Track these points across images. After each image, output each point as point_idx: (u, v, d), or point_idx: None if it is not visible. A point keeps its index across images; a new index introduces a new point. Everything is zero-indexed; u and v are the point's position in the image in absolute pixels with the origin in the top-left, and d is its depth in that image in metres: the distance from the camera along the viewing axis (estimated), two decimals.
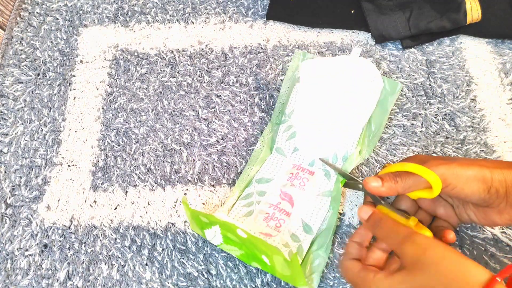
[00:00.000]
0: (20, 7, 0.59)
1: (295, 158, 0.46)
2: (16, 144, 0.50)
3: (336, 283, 0.41)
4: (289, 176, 0.45)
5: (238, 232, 0.36)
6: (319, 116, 0.46)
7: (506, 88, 0.51)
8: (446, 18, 0.51)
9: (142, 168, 0.48)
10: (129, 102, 0.52)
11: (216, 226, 0.38)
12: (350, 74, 0.46)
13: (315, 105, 0.46)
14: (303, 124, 0.46)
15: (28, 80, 0.54)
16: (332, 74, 0.46)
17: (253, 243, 0.36)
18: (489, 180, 0.32)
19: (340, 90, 0.46)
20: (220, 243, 0.40)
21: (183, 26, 0.57)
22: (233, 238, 0.38)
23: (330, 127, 0.45)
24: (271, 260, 0.36)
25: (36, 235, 0.45)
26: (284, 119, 0.47)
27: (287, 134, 0.46)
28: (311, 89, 0.46)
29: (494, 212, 0.34)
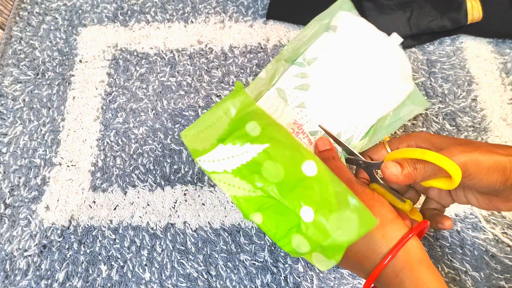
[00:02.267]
0: (19, 7, 0.59)
1: (298, 114, 0.39)
2: (15, 144, 0.50)
3: (336, 283, 0.41)
4: (289, 130, 0.38)
5: (304, 166, 0.28)
6: (340, 84, 0.40)
7: (507, 88, 0.50)
8: (447, 18, 0.51)
9: (142, 168, 0.48)
10: (128, 102, 0.52)
11: (261, 146, 0.28)
12: (386, 58, 0.40)
13: (341, 69, 0.40)
14: (321, 82, 0.39)
15: (27, 80, 0.54)
16: (369, 46, 0.40)
17: (316, 184, 0.28)
18: (508, 171, 0.30)
19: (370, 69, 0.40)
20: (224, 170, 0.30)
21: (182, 25, 0.57)
22: (267, 170, 0.29)
23: (347, 101, 0.39)
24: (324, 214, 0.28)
25: (35, 235, 0.44)
26: (301, 62, 0.40)
27: (297, 81, 0.39)
28: (345, 49, 0.40)
29: (500, 200, 0.33)
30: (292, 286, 0.41)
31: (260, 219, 0.30)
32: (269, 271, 0.42)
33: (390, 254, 0.29)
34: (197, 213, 0.45)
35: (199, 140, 0.30)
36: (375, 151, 0.38)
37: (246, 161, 0.30)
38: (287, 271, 0.42)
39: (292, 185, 0.29)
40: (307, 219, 0.28)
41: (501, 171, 0.30)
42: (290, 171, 0.29)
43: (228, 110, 0.29)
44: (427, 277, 0.28)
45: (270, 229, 0.29)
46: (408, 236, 0.29)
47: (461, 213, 0.44)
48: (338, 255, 0.28)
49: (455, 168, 0.29)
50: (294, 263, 0.42)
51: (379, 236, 0.30)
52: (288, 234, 0.29)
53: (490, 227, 0.43)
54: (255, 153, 0.29)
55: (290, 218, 0.29)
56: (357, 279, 0.41)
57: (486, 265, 0.42)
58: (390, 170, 0.30)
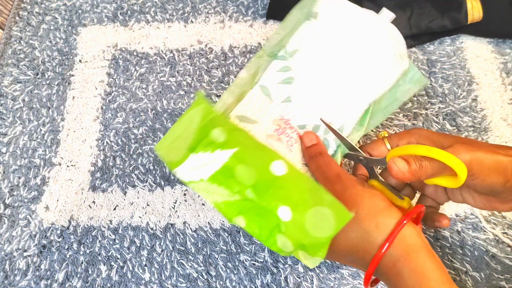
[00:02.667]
0: (19, 7, 0.59)
1: (284, 109, 0.38)
2: (14, 144, 0.49)
3: (336, 284, 0.41)
4: (276, 127, 0.37)
5: (272, 167, 0.28)
6: (327, 73, 0.38)
7: (508, 88, 0.50)
8: (447, 18, 0.51)
9: (141, 168, 0.48)
10: (128, 101, 0.52)
11: (229, 151, 0.29)
12: (376, 38, 0.38)
13: (326, 57, 0.38)
14: (305, 74, 0.37)
15: (27, 80, 0.53)
16: (355, 28, 0.38)
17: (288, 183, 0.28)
18: (509, 173, 0.30)
19: (359, 51, 0.38)
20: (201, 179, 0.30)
21: (182, 25, 0.57)
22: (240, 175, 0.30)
23: (334, 90, 0.37)
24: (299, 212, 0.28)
25: (34, 235, 0.44)
26: (282, 55, 0.38)
27: (281, 75, 0.38)
28: (327, 36, 0.38)
29: (498, 201, 0.33)
30: (292, 287, 0.41)
31: (243, 222, 0.30)
32: (269, 272, 0.42)
33: (385, 243, 0.28)
34: (197, 213, 0.45)
35: (172, 151, 0.31)
36: (374, 147, 0.37)
37: (219, 167, 0.30)
38: (287, 272, 0.42)
39: (265, 186, 0.29)
40: (285, 219, 0.29)
41: (502, 172, 0.30)
42: (261, 173, 0.29)
43: (192, 120, 0.30)
44: (426, 265, 0.27)
45: (254, 231, 0.30)
46: (402, 222, 0.28)
47: (462, 213, 0.44)
48: (322, 252, 0.29)
49: (461, 166, 0.29)
50: (294, 264, 0.42)
51: (372, 226, 0.29)
52: (272, 234, 0.29)
53: (491, 227, 0.43)
54: (226, 158, 0.30)
55: (271, 219, 0.29)
56: (357, 279, 0.41)
57: (487, 265, 0.41)
58: (398, 167, 0.30)
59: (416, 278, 0.27)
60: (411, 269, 0.27)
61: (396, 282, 0.28)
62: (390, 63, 0.38)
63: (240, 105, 0.38)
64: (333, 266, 0.42)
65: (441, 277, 0.27)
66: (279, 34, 0.40)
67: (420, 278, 0.27)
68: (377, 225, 0.29)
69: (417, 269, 0.27)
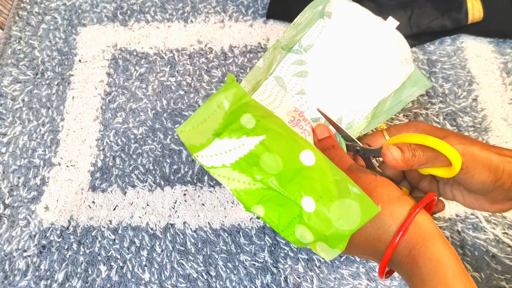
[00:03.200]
0: (18, 6, 0.59)
1: (298, 101, 0.39)
2: (14, 144, 0.49)
3: (336, 284, 0.41)
4: (290, 118, 0.38)
5: (302, 156, 0.28)
6: (339, 69, 0.39)
7: (508, 88, 0.50)
8: (448, 18, 0.51)
9: (141, 168, 0.47)
10: (128, 101, 0.52)
11: (257, 138, 0.28)
12: (384, 43, 0.40)
13: (339, 54, 0.39)
14: (319, 68, 0.39)
15: (27, 80, 0.53)
16: (366, 31, 0.40)
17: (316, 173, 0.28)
18: (500, 172, 0.30)
19: (368, 54, 0.40)
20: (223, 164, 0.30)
21: (182, 25, 0.57)
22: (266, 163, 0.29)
23: (346, 86, 0.39)
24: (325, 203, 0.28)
25: (34, 236, 0.44)
26: (297, 49, 0.40)
27: (295, 68, 0.39)
28: (341, 34, 0.40)
29: (487, 200, 0.33)
30: (292, 287, 0.41)
31: (262, 211, 0.30)
32: (269, 272, 0.42)
33: (400, 231, 0.27)
34: (196, 214, 0.45)
35: (195, 135, 0.30)
36: (373, 139, 0.37)
37: (244, 154, 0.29)
38: (287, 272, 0.42)
39: (291, 175, 0.29)
40: (308, 209, 0.28)
41: (493, 170, 0.30)
42: (288, 162, 0.29)
43: (222, 103, 0.29)
44: (442, 253, 0.26)
45: (273, 220, 0.29)
46: (416, 210, 0.28)
47: (462, 213, 0.44)
48: (342, 244, 0.28)
49: (455, 154, 0.29)
50: (294, 264, 0.42)
51: (387, 215, 0.29)
52: (291, 225, 0.29)
53: (491, 227, 0.43)
54: (252, 146, 0.29)
55: (292, 209, 0.29)
56: (357, 280, 0.41)
57: (487, 265, 0.41)
58: (392, 154, 0.30)
59: (432, 266, 0.26)
60: (427, 257, 0.27)
61: (411, 270, 0.27)
62: (397, 66, 0.39)
63: (255, 94, 0.38)
64: (333, 266, 0.42)
65: (456, 266, 0.26)
66: (293, 29, 0.41)
67: (436, 266, 0.26)
68: (392, 213, 0.29)
69: (432, 256, 0.26)
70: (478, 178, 0.30)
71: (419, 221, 0.28)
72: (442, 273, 0.26)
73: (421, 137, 0.30)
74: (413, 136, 0.31)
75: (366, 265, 0.42)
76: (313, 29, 0.40)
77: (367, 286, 0.41)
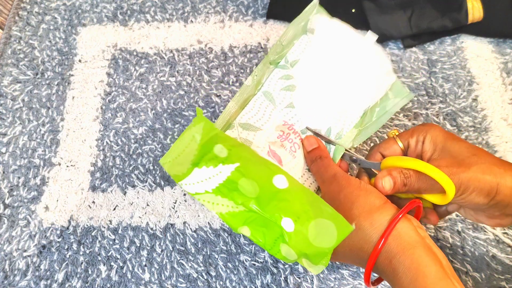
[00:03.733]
0: (18, 6, 0.59)
1: (287, 114, 0.40)
2: (14, 144, 0.49)
3: (336, 284, 0.41)
4: (279, 133, 0.39)
5: (275, 180, 0.29)
6: (325, 82, 0.41)
7: (508, 88, 0.50)
8: (448, 18, 0.51)
9: (141, 168, 0.47)
10: (128, 101, 0.52)
11: (232, 166, 0.30)
12: (364, 55, 0.42)
13: (323, 68, 0.41)
14: (305, 82, 0.41)
15: (27, 80, 0.53)
16: (347, 46, 0.42)
17: (290, 196, 0.30)
18: (493, 193, 0.31)
19: (351, 67, 0.41)
20: (205, 190, 0.32)
21: (182, 25, 0.57)
22: (244, 188, 0.31)
23: (333, 97, 0.41)
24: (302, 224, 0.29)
25: (34, 236, 0.44)
26: (283, 64, 0.41)
27: (283, 82, 0.40)
28: (324, 49, 0.41)
29: (485, 216, 0.34)
30: (292, 287, 0.41)
31: (248, 231, 0.31)
32: (269, 272, 0.42)
33: (380, 241, 0.28)
34: (196, 214, 0.45)
35: (176, 166, 0.32)
36: (386, 146, 0.37)
37: (223, 180, 0.31)
38: (287, 272, 0.42)
39: (268, 198, 0.30)
40: (288, 229, 0.29)
41: (486, 193, 0.31)
42: (264, 186, 0.30)
43: (193, 136, 0.31)
44: (422, 261, 0.27)
45: (259, 240, 0.31)
46: (396, 219, 0.28)
47: None
48: (325, 260, 0.29)
49: (450, 186, 0.30)
50: (294, 264, 0.42)
51: (367, 225, 0.29)
52: (276, 244, 0.30)
53: (491, 227, 0.43)
54: (229, 172, 0.31)
55: (274, 229, 0.30)
56: (357, 279, 0.41)
57: (487, 265, 0.41)
58: (384, 186, 0.32)
59: (411, 275, 0.26)
60: (406, 266, 0.27)
61: (393, 279, 0.28)
62: (378, 77, 0.41)
63: (243, 112, 0.39)
64: (333, 267, 0.42)
65: (437, 273, 0.26)
66: (279, 45, 0.42)
67: (415, 275, 0.26)
68: (372, 223, 0.29)
69: (411, 265, 0.27)
70: (472, 201, 0.31)
71: (399, 230, 0.28)
72: (422, 281, 0.26)
73: (422, 165, 0.31)
74: (412, 162, 0.32)
75: None
76: (297, 44, 0.42)
77: None
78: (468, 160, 0.31)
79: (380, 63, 0.42)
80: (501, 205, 0.31)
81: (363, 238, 0.29)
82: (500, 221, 0.33)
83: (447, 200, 0.31)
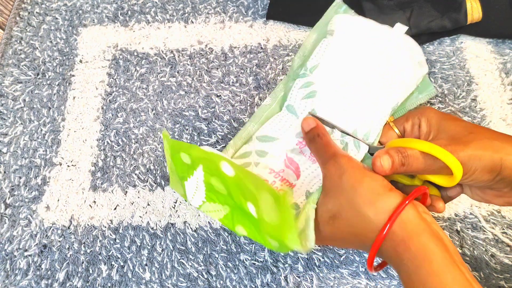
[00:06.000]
0: (19, 7, 0.59)
1: None
2: (15, 144, 0.50)
3: (336, 283, 0.41)
4: (299, 140, 0.37)
5: (222, 167, 0.29)
6: (348, 82, 0.38)
7: (507, 88, 0.50)
8: (447, 18, 0.51)
9: (142, 168, 0.48)
10: (128, 102, 0.52)
11: (199, 169, 0.31)
12: (392, 48, 0.39)
13: (345, 68, 0.39)
14: (327, 85, 0.38)
15: (28, 80, 0.54)
16: (373, 40, 0.39)
17: (240, 181, 0.29)
18: (498, 168, 0.29)
19: (378, 62, 0.39)
20: (202, 201, 0.33)
21: (183, 25, 0.57)
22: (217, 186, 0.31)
23: (358, 97, 0.38)
24: (257, 205, 0.29)
25: (35, 235, 0.45)
26: (303, 73, 0.39)
27: (304, 91, 0.38)
28: (346, 48, 0.39)
29: (493, 194, 0.33)
30: (292, 286, 0.41)
31: (243, 230, 0.31)
32: (269, 271, 0.42)
33: (384, 229, 0.27)
34: (197, 213, 0.45)
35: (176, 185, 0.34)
36: (382, 134, 0.37)
37: (204, 186, 0.32)
38: (287, 271, 0.42)
39: (230, 188, 0.30)
40: (254, 214, 0.29)
41: (489, 170, 0.30)
42: (221, 177, 0.30)
43: (167, 153, 0.33)
44: (428, 248, 0.26)
45: (254, 235, 0.31)
46: (401, 207, 0.27)
47: (461, 213, 0.44)
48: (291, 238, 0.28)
49: (457, 166, 0.29)
50: (294, 263, 0.42)
51: (371, 213, 0.28)
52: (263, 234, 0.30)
53: (490, 227, 0.43)
54: (202, 176, 0.31)
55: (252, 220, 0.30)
56: (357, 279, 0.42)
57: (486, 265, 0.42)
58: (382, 164, 0.30)
59: (418, 262, 0.26)
60: (412, 253, 0.26)
61: (398, 266, 0.27)
62: (410, 69, 0.39)
63: (265, 126, 0.38)
64: (333, 265, 0.42)
65: (443, 259, 0.26)
66: (299, 57, 0.41)
67: (422, 262, 0.26)
68: (377, 212, 0.28)
69: (417, 252, 0.26)
70: (477, 179, 0.30)
71: (403, 217, 0.28)
72: (428, 268, 0.26)
73: (425, 145, 0.30)
74: (418, 143, 0.31)
75: (366, 264, 0.42)
76: (317, 50, 0.40)
77: (366, 285, 0.41)
78: (465, 138, 0.31)
79: (411, 54, 0.39)
80: (508, 180, 0.30)
81: (367, 226, 0.29)
82: (509, 199, 0.32)
83: (455, 181, 0.30)
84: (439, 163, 0.30)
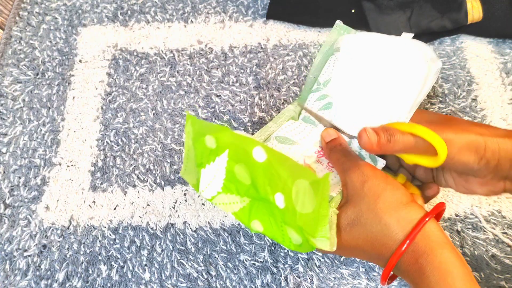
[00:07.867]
0: (19, 7, 0.59)
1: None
2: (15, 144, 0.50)
3: (336, 283, 0.41)
4: (317, 149, 0.38)
5: (254, 153, 0.28)
6: (361, 91, 0.39)
7: (507, 88, 0.50)
8: (447, 18, 0.51)
9: (142, 168, 0.48)
10: (128, 102, 0.52)
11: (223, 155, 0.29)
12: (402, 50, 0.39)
13: (357, 77, 0.39)
14: (341, 96, 0.39)
15: (27, 80, 0.53)
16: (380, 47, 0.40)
17: (271, 168, 0.28)
18: (481, 150, 0.30)
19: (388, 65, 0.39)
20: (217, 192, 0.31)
21: (182, 25, 0.57)
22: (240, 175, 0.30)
23: (374, 105, 0.39)
24: (288, 194, 0.27)
25: (35, 235, 0.44)
26: (317, 87, 0.40)
27: (320, 103, 0.39)
28: (354, 59, 0.40)
29: (477, 182, 0.33)
30: (292, 286, 0.41)
31: (260, 226, 0.30)
32: (269, 271, 0.42)
33: (407, 239, 0.27)
34: (197, 213, 0.45)
35: (191, 174, 0.32)
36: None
37: (224, 174, 0.30)
38: (287, 271, 0.42)
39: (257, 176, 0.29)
40: (281, 206, 0.28)
41: (473, 150, 0.30)
42: (249, 164, 0.29)
43: (187, 138, 0.31)
44: (450, 262, 0.26)
45: (271, 231, 0.30)
46: (425, 219, 0.28)
47: (462, 213, 0.44)
48: (321, 231, 0.27)
49: (442, 144, 0.29)
50: (294, 263, 0.42)
51: (393, 221, 0.28)
52: (284, 231, 0.29)
53: (490, 227, 0.43)
54: (225, 163, 0.30)
55: (275, 211, 0.29)
56: (357, 279, 0.41)
57: (486, 265, 0.42)
58: (369, 137, 0.30)
59: (440, 275, 0.26)
60: (435, 266, 0.26)
61: (418, 278, 0.27)
62: (424, 67, 0.39)
63: (284, 127, 0.39)
64: (333, 266, 0.42)
65: (465, 275, 0.26)
66: (311, 78, 0.42)
67: (445, 275, 0.26)
68: (399, 220, 0.28)
69: (441, 266, 0.26)
70: (459, 160, 0.30)
71: (427, 230, 0.28)
72: (451, 282, 0.26)
73: (408, 125, 0.31)
74: (402, 125, 0.31)
75: (366, 265, 0.42)
76: (326, 66, 0.40)
77: (366, 285, 0.41)
78: (445, 123, 0.31)
79: (423, 53, 0.39)
80: (492, 165, 0.30)
81: (387, 235, 0.28)
82: (493, 188, 0.32)
83: (439, 160, 0.30)
84: (424, 142, 0.30)
